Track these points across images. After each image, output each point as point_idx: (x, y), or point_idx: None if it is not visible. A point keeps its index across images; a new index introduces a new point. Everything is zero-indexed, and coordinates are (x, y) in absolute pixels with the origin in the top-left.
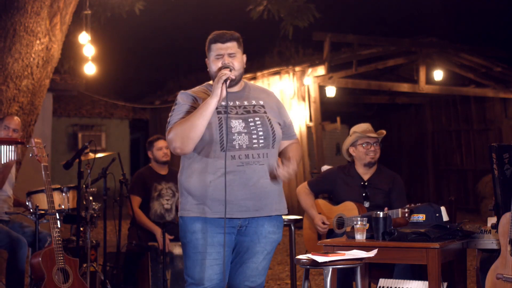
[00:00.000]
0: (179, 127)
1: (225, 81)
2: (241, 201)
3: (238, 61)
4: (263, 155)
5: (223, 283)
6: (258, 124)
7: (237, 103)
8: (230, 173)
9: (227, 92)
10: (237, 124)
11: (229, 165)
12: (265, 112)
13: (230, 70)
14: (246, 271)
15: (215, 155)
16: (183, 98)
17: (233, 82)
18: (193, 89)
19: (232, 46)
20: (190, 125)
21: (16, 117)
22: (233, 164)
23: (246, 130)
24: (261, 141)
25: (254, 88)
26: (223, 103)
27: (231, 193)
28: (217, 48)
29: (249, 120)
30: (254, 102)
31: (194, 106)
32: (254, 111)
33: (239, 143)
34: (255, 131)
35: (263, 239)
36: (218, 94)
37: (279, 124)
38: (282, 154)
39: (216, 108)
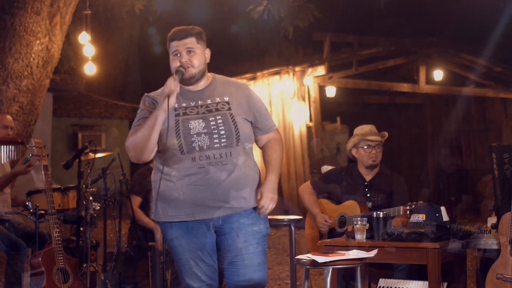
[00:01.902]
0: (132, 137)
1: (171, 94)
2: (206, 202)
3: (198, 57)
4: (225, 154)
5: (215, 282)
6: (220, 123)
7: (200, 102)
8: (192, 176)
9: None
10: (196, 125)
11: (190, 167)
12: (229, 109)
13: (182, 74)
14: (236, 270)
15: (176, 158)
16: (144, 103)
17: (193, 80)
18: (156, 91)
19: (189, 42)
20: (141, 136)
21: (6, 115)
22: (194, 167)
23: (206, 130)
24: (223, 140)
25: (222, 82)
26: (184, 104)
27: (196, 195)
28: (173, 46)
29: (210, 119)
30: (218, 100)
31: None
32: (217, 109)
33: (199, 144)
34: (216, 131)
35: (241, 233)
36: (163, 108)
37: (248, 120)
38: (264, 160)
39: (175, 110)
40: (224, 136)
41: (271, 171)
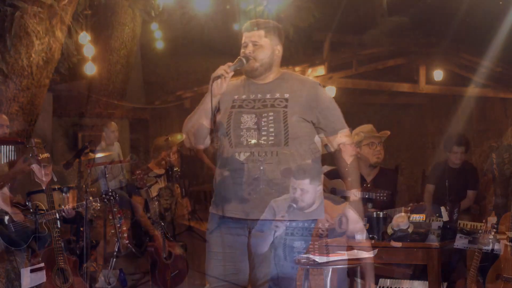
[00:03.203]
0: (185, 123)
1: (217, 78)
2: (243, 201)
3: (263, 51)
4: (271, 153)
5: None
6: (271, 120)
7: (259, 96)
8: (234, 171)
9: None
10: (248, 119)
11: (234, 162)
12: (285, 107)
13: (241, 63)
14: (258, 275)
15: (226, 151)
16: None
17: (255, 72)
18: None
19: (256, 35)
20: (191, 121)
21: (1, 114)
22: (237, 161)
23: (256, 126)
24: (270, 138)
25: (290, 79)
26: (243, 96)
27: (233, 191)
28: (243, 37)
29: (263, 115)
30: (278, 95)
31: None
32: (272, 105)
33: (247, 140)
34: (265, 128)
35: (272, 242)
36: (212, 90)
37: (307, 120)
38: (339, 173)
39: (232, 101)
40: (273, 134)
41: (351, 194)
